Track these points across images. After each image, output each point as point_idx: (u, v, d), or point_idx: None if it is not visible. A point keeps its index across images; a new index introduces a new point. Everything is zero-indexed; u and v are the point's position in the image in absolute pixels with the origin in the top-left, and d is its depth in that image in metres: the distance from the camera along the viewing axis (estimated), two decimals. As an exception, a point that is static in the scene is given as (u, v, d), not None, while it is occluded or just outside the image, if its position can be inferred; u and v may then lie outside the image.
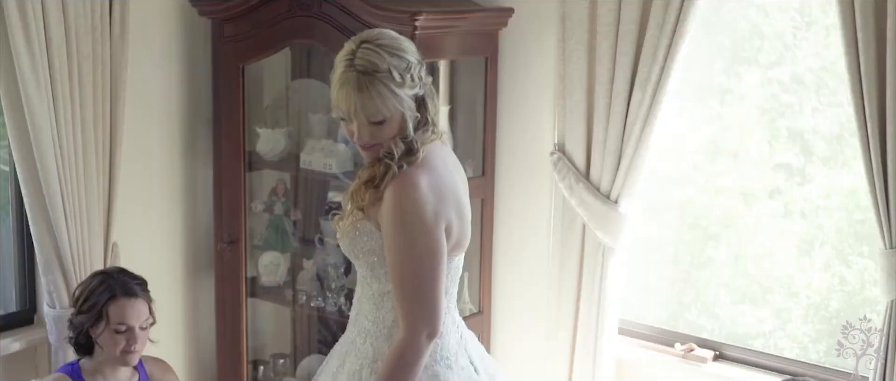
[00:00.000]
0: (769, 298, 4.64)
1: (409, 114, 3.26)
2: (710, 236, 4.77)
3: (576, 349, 4.68)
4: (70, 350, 4.46)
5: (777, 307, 4.63)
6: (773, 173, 4.58)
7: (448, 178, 3.36)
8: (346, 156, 4.83)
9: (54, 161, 4.37)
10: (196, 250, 5.25)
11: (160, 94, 4.99)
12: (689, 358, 4.63)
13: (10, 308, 4.80)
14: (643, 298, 4.94)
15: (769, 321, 4.64)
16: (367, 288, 3.46)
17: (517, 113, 4.79)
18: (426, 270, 3.25)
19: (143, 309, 3.94)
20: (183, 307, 5.22)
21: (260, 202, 5.14)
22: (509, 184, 4.87)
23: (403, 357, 3.25)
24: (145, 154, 4.94)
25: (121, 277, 4.00)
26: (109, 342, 3.89)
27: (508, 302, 4.97)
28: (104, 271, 4.08)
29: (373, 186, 3.28)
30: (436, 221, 3.25)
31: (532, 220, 4.84)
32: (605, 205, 4.48)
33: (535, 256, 4.84)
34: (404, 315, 3.26)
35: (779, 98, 4.53)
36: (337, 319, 4.99)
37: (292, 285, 5.18)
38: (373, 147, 3.29)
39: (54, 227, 4.44)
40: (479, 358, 3.62)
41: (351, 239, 3.38)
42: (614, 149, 4.44)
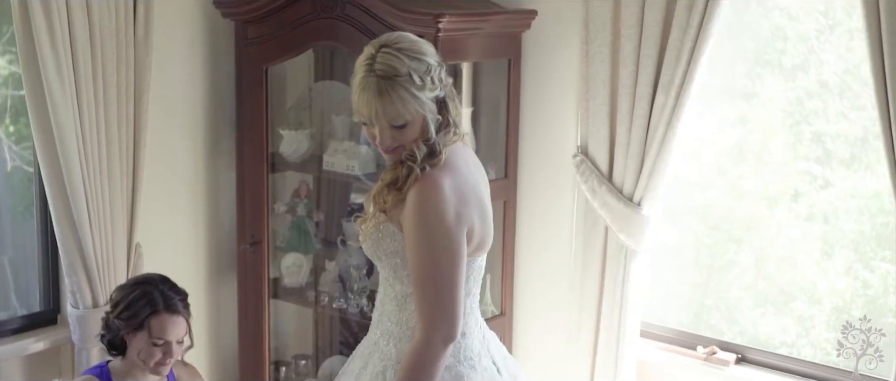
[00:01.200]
0: (792, 306, 4.62)
1: (431, 116, 3.26)
2: (732, 239, 4.76)
3: (597, 352, 4.68)
4: (93, 350, 4.50)
5: (799, 315, 4.62)
6: (796, 177, 4.57)
7: (470, 179, 3.37)
8: (368, 158, 4.84)
9: (78, 162, 4.39)
10: (219, 251, 5.26)
11: (184, 95, 5.01)
12: (711, 361, 4.62)
13: (33, 308, 4.83)
14: (665, 301, 4.93)
15: (791, 330, 4.63)
16: (389, 290, 3.47)
17: (540, 115, 4.79)
18: (446, 273, 3.25)
19: (182, 326, 3.92)
20: (205, 308, 5.23)
21: (282, 204, 5.15)
22: (532, 186, 4.87)
23: (420, 360, 3.26)
24: (169, 155, 4.96)
25: (165, 289, 3.93)
26: (145, 354, 3.88)
27: (530, 304, 4.97)
28: (147, 281, 3.98)
29: (395, 189, 3.29)
30: (457, 223, 3.26)
31: (554, 222, 4.83)
32: (627, 207, 4.47)
33: (557, 258, 4.84)
34: (422, 317, 3.27)
35: (802, 101, 4.52)
36: (359, 320, 4.99)
37: (314, 287, 5.19)
38: (395, 150, 3.30)
39: (78, 228, 4.46)
40: (501, 358, 3.62)
41: (374, 241, 3.38)
42: (637, 151, 4.43)
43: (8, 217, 4.90)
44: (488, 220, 3.43)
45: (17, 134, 4.84)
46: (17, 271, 4.92)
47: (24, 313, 4.81)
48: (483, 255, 3.47)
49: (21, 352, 4.64)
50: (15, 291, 4.96)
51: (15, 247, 4.94)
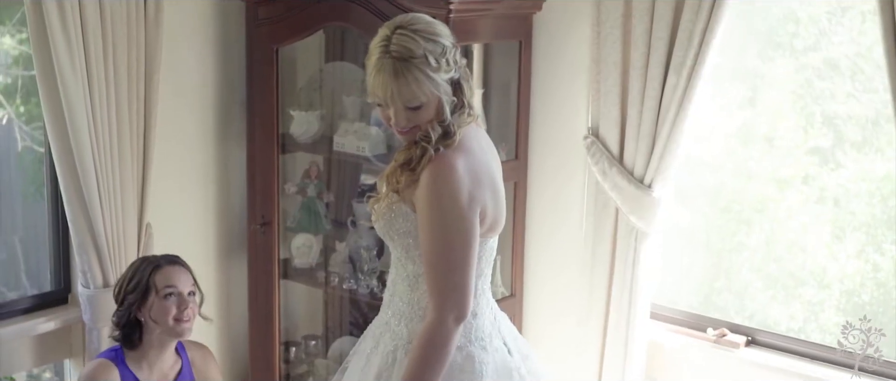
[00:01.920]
0: (801, 290, 4.62)
1: (446, 98, 3.26)
2: (742, 221, 4.76)
3: (607, 333, 4.68)
4: (104, 330, 4.51)
5: (809, 299, 4.61)
6: (806, 159, 4.56)
7: (484, 160, 3.38)
8: (378, 139, 4.84)
9: (89, 143, 4.39)
10: (229, 231, 5.27)
11: (194, 76, 5.01)
12: (721, 343, 4.62)
13: (44, 288, 4.84)
14: (675, 283, 4.93)
15: (800, 315, 4.63)
16: (401, 270, 3.48)
17: (551, 97, 4.79)
18: (458, 253, 3.26)
19: (187, 277, 4.03)
20: (216, 288, 5.24)
21: (293, 184, 5.15)
22: (542, 168, 4.86)
23: (432, 340, 3.27)
24: (179, 136, 4.96)
25: (159, 254, 4.11)
26: (160, 312, 3.94)
27: (540, 286, 4.97)
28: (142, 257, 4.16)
29: (409, 169, 3.29)
30: (470, 204, 3.26)
31: (565, 204, 4.83)
32: (638, 189, 4.47)
33: (567, 239, 4.84)
34: (433, 297, 3.28)
35: (812, 84, 4.51)
36: (369, 301, 5.00)
37: (324, 267, 5.19)
38: (410, 131, 3.30)
39: (89, 207, 4.47)
40: (512, 339, 3.63)
41: (386, 221, 3.39)
42: (648, 133, 4.43)
43: (19, 197, 4.91)
44: (501, 201, 3.44)
45: (27, 114, 4.84)
46: (28, 251, 4.93)
47: (35, 292, 4.83)
48: (495, 236, 3.47)
49: (32, 332, 4.66)
50: (26, 270, 4.97)
51: (26, 227, 4.95)
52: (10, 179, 4.88)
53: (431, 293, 3.28)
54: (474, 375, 3.44)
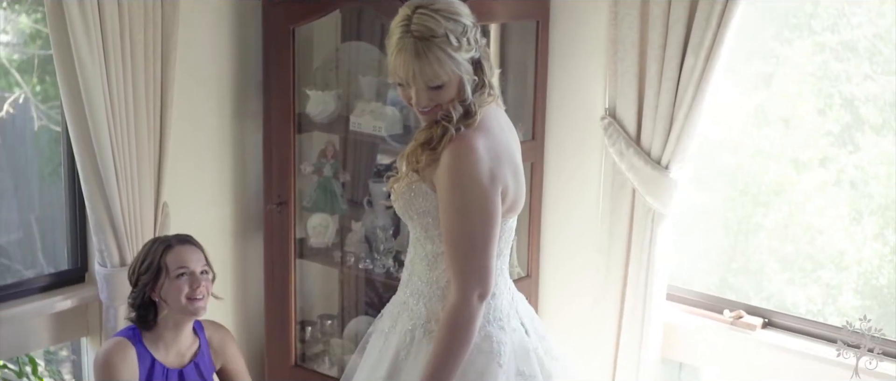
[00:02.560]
0: (819, 274, 4.60)
1: (467, 77, 3.27)
2: (759, 203, 4.75)
3: (624, 314, 4.68)
4: (121, 308, 4.52)
5: (827, 283, 4.60)
6: (824, 141, 4.55)
7: (503, 139, 3.38)
8: (395, 119, 4.83)
9: (106, 122, 4.39)
10: (245, 210, 5.27)
11: (211, 56, 5.00)
12: (737, 325, 4.61)
13: (61, 267, 4.85)
14: (692, 264, 4.92)
15: (818, 299, 4.61)
16: (420, 249, 3.48)
17: (568, 77, 4.77)
18: (480, 232, 3.27)
19: (199, 256, 4.05)
20: (232, 268, 5.25)
21: (309, 164, 5.15)
22: (559, 148, 4.85)
23: (457, 320, 3.28)
24: (196, 115, 4.96)
25: (171, 234, 4.13)
26: (173, 292, 3.96)
27: (557, 267, 4.97)
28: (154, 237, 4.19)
29: (429, 149, 3.30)
30: (491, 183, 3.27)
31: (581, 184, 4.82)
32: (655, 170, 4.46)
33: (584, 220, 4.83)
34: (456, 277, 3.29)
35: (830, 65, 4.49)
36: (384, 281, 5.00)
37: (340, 247, 5.19)
38: (431, 111, 3.30)
39: (105, 186, 4.47)
40: (528, 319, 3.64)
41: (406, 200, 3.40)
42: (666, 114, 4.41)
43: (35, 176, 4.92)
44: (521, 181, 3.44)
45: (43, 93, 4.85)
46: (45, 230, 4.94)
47: (52, 271, 4.84)
48: (514, 216, 3.48)
49: (48, 310, 4.67)
50: (42, 249, 4.98)
51: (42, 206, 4.96)
52: (27, 159, 4.88)
53: (454, 273, 3.29)
54: (492, 355, 3.45)
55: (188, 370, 4.12)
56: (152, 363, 4.02)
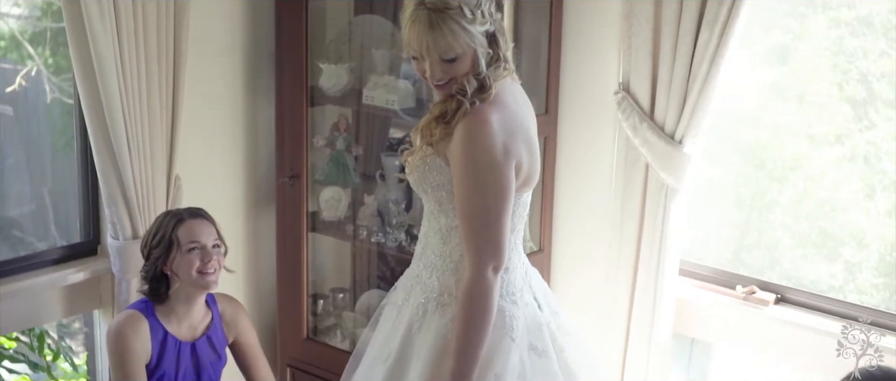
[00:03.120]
0: (838, 250, 4.59)
1: (481, 50, 3.27)
2: (774, 178, 4.73)
3: (636, 289, 4.67)
4: (133, 281, 4.53)
5: (848, 261, 4.58)
6: (839, 117, 4.53)
7: (518, 114, 3.38)
8: (408, 92, 4.82)
9: (118, 94, 4.39)
10: (258, 184, 5.27)
11: (223, 28, 4.99)
12: (750, 300, 4.60)
13: (73, 239, 4.85)
14: (704, 240, 4.91)
15: (841, 276, 4.60)
16: (434, 223, 3.49)
17: (582, 51, 4.75)
18: (494, 206, 3.27)
19: (211, 230, 4.05)
20: (244, 241, 5.25)
21: (322, 137, 5.14)
22: (573, 122, 4.84)
23: (474, 294, 3.29)
24: (208, 88, 4.95)
25: (183, 208, 4.14)
26: (184, 265, 3.96)
27: (569, 241, 4.96)
28: (166, 211, 4.20)
29: (444, 122, 3.30)
30: (505, 157, 3.27)
31: (594, 159, 4.81)
32: (669, 145, 4.44)
33: (597, 195, 4.82)
34: (470, 251, 3.30)
35: (845, 40, 4.47)
36: (396, 255, 5.00)
37: (353, 221, 5.19)
38: (446, 84, 3.30)
39: (118, 159, 4.47)
40: (542, 295, 3.65)
41: (420, 174, 3.40)
42: (679, 89, 4.39)
43: (48, 148, 4.92)
44: (536, 155, 3.43)
45: (55, 65, 4.85)
46: (57, 203, 4.95)
47: (64, 244, 4.84)
48: (529, 191, 3.48)
49: (61, 282, 4.68)
50: (55, 222, 4.99)
51: (55, 178, 4.97)
52: (40, 131, 4.89)
53: (467, 248, 3.30)
54: (505, 329, 3.46)
55: (201, 343, 4.12)
56: (165, 335, 4.02)
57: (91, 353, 5.17)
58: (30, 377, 5.76)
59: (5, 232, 4.98)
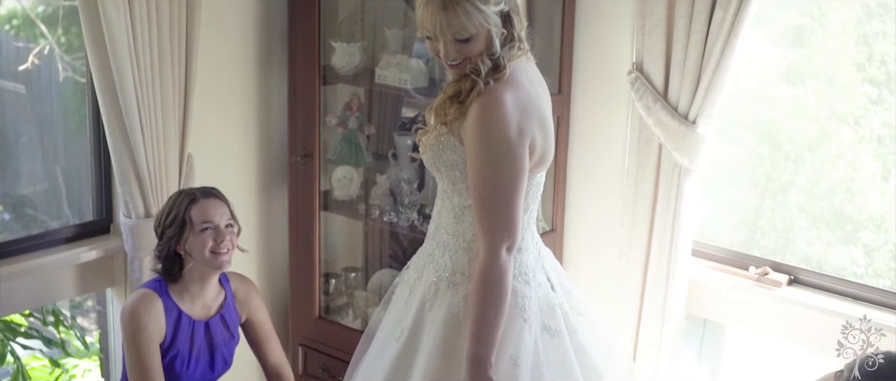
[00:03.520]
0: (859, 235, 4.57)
1: (495, 30, 3.26)
2: (790, 159, 4.71)
3: (648, 270, 4.66)
4: (145, 260, 4.54)
5: (866, 245, 4.57)
6: (854, 99, 4.51)
7: (533, 93, 3.37)
8: (420, 71, 4.81)
9: (131, 73, 4.38)
10: (270, 163, 5.26)
11: (236, 7, 4.98)
12: (763, 282, 4.59)
13: (86, 218, 4.86)
14: (718, 220, 4.89)
15: (862, 261, 4.59)
16: (447, 202, 3.49)
17: (595, 31, 4.74)
18: (507, 186, 3.27)
19: (224, 210, 4.04)
20: (256, 220, 5.25)
21: (334, 117, 5.13)
22: (585, 102, 4.83)
23: (489, 274, 3.29)
24: (221, 67, 4.95)
25: (197, 187, 4.12)
26: (197, 245, 3.96)
27: (581, 221, 4.95)
28: (179, 190, 4.18)
29: (458, 102, 3.30)
30: (519, 137, 3.26)
31: (607, 139, 4.80)
32: (682, 125, 4.43)
33: (609, 175, 4.81)
34: (484, 230, 3.30)
35: (863, 23, 4.44)
36: (408, 234, 5.00)
37: (365, 200, 5.18)
38: (460, 64, 3.30)
39: (130, 138, 4.47)
40: (555, 275, 3.65)
41: (434, 153, 3.40)
42: (693, 69, 4.38)
43: (61, 127, 4.93)
44: (550, 135, 3.43)
45: (68, 44, 4.85)
46: (70, 181, 4.95)
47: (77, 222, 4.84)
48: (543, 171, 3.48)
49: (74, 261, 4.68)
50: (68, 200, 4.99)
51: (68, 157, 4.97)
52: (52, 110, 4.89)
53: (481, 228, 3.30)
54: (517, 309, 3.46)
55: (214, 321, 4.13)
56: (179, 315, 4.03)
57: (103, 331, 5.18)
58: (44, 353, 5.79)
59: (18, 210, 4.99)
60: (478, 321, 3.31)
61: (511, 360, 3.41)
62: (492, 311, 3.30)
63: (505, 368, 3.40)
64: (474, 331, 3.31)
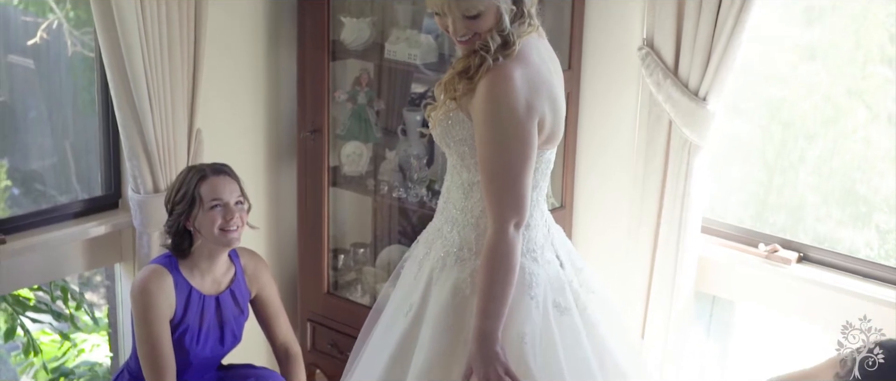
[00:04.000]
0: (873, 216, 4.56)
1: (505, 6, 3.25)
2: (801, 136, 4.70)
3: (658, 246, 4.65)
4: (154, 235, 4.54)
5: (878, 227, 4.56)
6: (866, 80, 4.49)
7: (543, 70, 3.36)
8: (430, 47, 4.80)
9: (139, 47, 4.38)
10: (278, 138, 5.26)
11: (245, -19, 4.98)
12: (772, 259, 4.58)
13: (95, 192, 4.86)
14: (727, 197, 4.88)
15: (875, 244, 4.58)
16: (456, 177, 3.49)
17: (606, 6, 4.72)
18: (516, 163, 3.27)
19: (234, 186, 4.04)
20: (265, 195, 5.25)
21: (343, 92, 5.12)
22: (595, 78, 4.81)
23: (497, 250, 3.30)
24: (229, 42, 4.94)
25: (207, 163, 4.11)
26: (206, 222, 3.96)
27: (591, 198, 4.94)
28: (190, 166, 4.18)
29: (466, 78, 3.29)
30: (528, 114, 3.26)
31: (617, 115, 4.78)
32: (692, 102, 4.41)
33: (619, 152, 4.80)
34: (492, 207, 3.30)
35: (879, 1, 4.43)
36: (417, 210, 4.99)
37: (374, 175, 5.18)
38: (469, 41, 3.29)
39: (139, 113, 4.47)
40: (565, 252, 3.64)
41: (443, 128, 3.41)
42: (704, 45, 4.35)
43: (69, 102, 4.92)
44: (560, 112, 3.42)
45: (76, 19, 4.84)
46: (79, 156, 4.95)
47: (86, 197, 4.84)
48: (553, 148, 3.47)
49: (82, 236, 4.69)
50: (77, 175, 4.99)
51: (76, 131, 4.97)
52: (61, 84, 4.89)
53: (489, 203, 3.30)
54: (524, 286, 3.46)
55: (224, 296, 4.13)
56: (190, 290, 4.03)
57: (112, 306, 5.18)
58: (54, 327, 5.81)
59: (27, 185, 4.99)
60: (485, 297, 3.31)
61: (518, 337, 3.41)
62: (499, 287, 3.30)
63: (511, 345, 3.40)
64: (481, 307, 3.32)
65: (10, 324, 5.47)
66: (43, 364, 5.89)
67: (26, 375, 5.95)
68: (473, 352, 3.33)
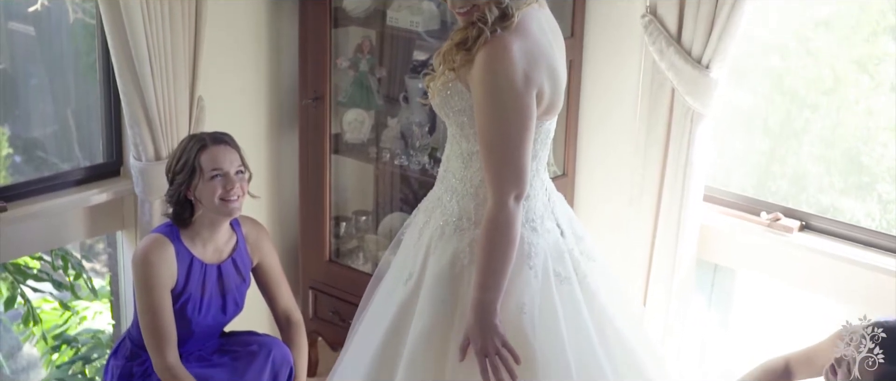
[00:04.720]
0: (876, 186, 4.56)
1: (503, -21, 3.23)
2: (806, 105, 4.69)
3: (660, 215, 4.65)
4: (156, 202, 4.54)
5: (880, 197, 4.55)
6: (870, 47, 4.47)
7: (542, 41, 3.35)
8: (432, 14, 4.78)
9: (141, 14, 4.36)
10: (280, 105, 5.25)
11: (246, -53, 4.96)
12: (774, 227, 4.58)
13: (96, 160, 4.85)
14: (730, 166, 4.88)
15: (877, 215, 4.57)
16: (456, 147, 3.49)
17: (608, -27, 4.71)
18: (514, 134, 3.26)
19: (234, 156, 4.03)
20: (266, 163, 5.24)
21: (345, 59, 5.10)
22: (598, 46, 4.79)
23: (497, 221, 3.29)
24: (231, 9, 4.92)
25: (208, 132, 4.09)
26: (207, 192, 3.96)
27: (593, 166, 4.93)
28: (190, 135, 4.17)
29: (464, 49, 3.28)
30: (526, 85, 3.25)
31: (620, 83, 4.77)
32: (695, 69, 4.40)
33: (621, 120, 4.79)
34: (491, 179, 3.30)
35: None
36: (419, 177, 4.98)
37: (376, 143, 5.17)
38: (467, 12, 3.28)
39: (140, 80, 4.45)
40: (566, 221, 3.64)
41: (442, 99, 3.40)
42: (708, 12, 4.33)
43: (71, 69, 4.91)
44: (559, 84, 3.41)
45: (78, -15, 4.82)
46: (80, 123, 4.95)
47: (87, 164, 4.84)
48: (552, 119, 3.46)
49: (84, 203, 4.69)
50: (78, 142, 4.99)
51: (78, 99, 4.96)
52: (62, 52, 4.88)
53: (488, 175, 3.30)
54: (523, 256, 3.47)
55: (226, 265, 4.13)
56: (191, 260, 4.03)
57: (114, 274, 5.19)
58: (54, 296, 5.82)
59: (29, 153, 4.99)
60: (484, 268, 3.31)
61: (517, 307, 3.42)
62: (499, 258, 3.30)
63: (510, 315, 3.41)
64: (480, 279, 3.32)
65: (11, 293, 5.48)
66: (43, 334, 5.90)
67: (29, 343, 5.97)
68: (471, 324, 3.33)
